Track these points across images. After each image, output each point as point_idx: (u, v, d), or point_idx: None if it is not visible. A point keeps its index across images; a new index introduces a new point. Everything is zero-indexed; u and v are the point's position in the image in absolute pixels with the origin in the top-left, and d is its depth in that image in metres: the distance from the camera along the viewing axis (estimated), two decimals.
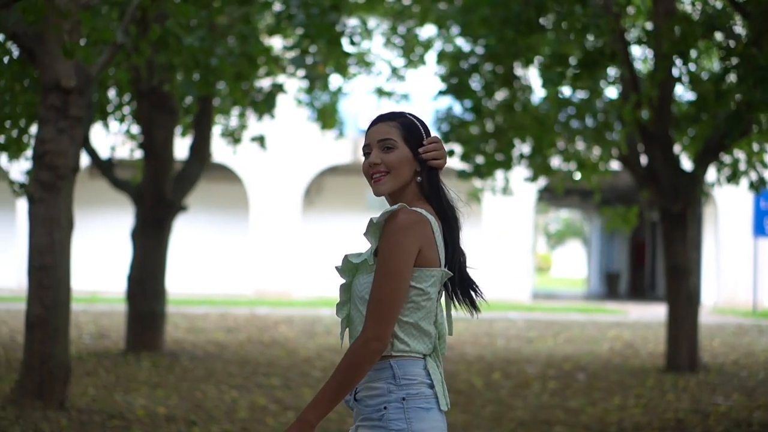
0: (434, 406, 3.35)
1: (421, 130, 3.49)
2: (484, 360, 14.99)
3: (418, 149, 3.46)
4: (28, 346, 9.23)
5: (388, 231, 3.29)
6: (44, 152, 9.19)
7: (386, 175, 3.43)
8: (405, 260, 3.29)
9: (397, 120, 3.48)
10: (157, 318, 14.47)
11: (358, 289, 3.38)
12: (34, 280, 9.24)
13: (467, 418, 9.81)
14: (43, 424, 8.54)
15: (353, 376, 3.26)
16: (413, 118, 3.51)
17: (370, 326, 3.26)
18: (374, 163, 3.43)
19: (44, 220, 9.19)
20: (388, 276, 3.27)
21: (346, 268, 3.42)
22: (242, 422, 9.31)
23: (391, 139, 3.44)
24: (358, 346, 3.26)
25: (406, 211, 3.32)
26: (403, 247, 3.28)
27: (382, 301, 3.27)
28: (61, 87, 9.14)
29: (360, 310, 3.37)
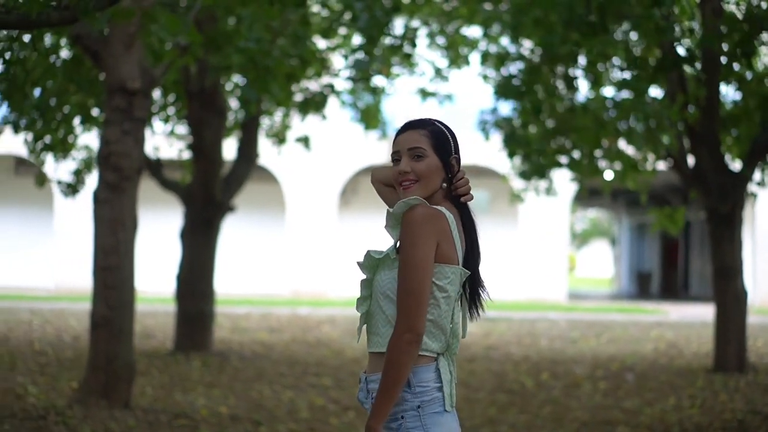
0: (441, 409, 3.40)
1: (450, 138, 3.52)
2: (530, 360, 14.99)
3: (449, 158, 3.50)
4: (93, 346, 9.31)
5: (406, 224, 3.33)
6: (109, 153, 9.27)
7: (415, 183, 3.46)
8: (426, 252, 3.32)
9: (427, 128, 3.50)
10: (205, 318, 14.54)
11: (380, 285, 3.42)
12: (99, 280, 9.33)
13: (528, 419, 9.83)
14: (111, 423, 8.62)
15: (399, 373, 3.30)
16: (442, 126, 3.53)
17: (402, 320, 3.31)
18: (404, 171, 3.46)
19: (109, 221, 9.27)
20: (411, 268, 3.31)
21: (367, 264, 3.46)
22: (306, 422, 9.36)
23: (421, 147, 3.46)
24: (395, 343, 3.30)
25: (423, 205, 3.37)
26: (423, 239, 3.32)
27: (410, 293, 3.31)
28: (126, 89, 9.21)
29: (381, 306, 3.41)
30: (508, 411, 10.29)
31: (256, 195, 30.48)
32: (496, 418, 9.82)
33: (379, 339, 3.40)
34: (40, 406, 9.22)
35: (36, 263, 30.84)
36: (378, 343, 3.41)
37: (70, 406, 9.11)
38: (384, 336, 3.39)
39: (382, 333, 3.40)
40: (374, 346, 3.42)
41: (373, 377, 3.41)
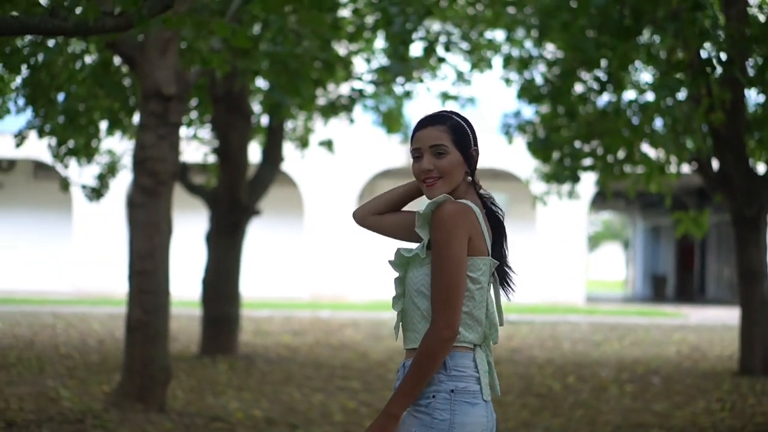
0: (480, 401, 3.41)
1: (469, 131, 3.53)
2: (555, 363, 15.00)
3: (469, 151, 3.52)
4: (128, 349, 9.36)
5: (437, 221, 3.36)
6: (145, 158, 9.32)
7: (439, 180, 3.48)
8: (459, 247, 3.36)
9: (446, 123, 3.51)
10: (231, 321, 14.59)
11: (413, 282, 3.44)
12: (134, 284, 9.37)
13: (561, 422, 9.84)
14: (148, 426, 8.66)
15: (430, 367, 3.32)
16: (461, 120, 3.54)
17: (439, 316, 3.33)
18: (428, 169, 3.48)
19: (145, 226, 9.32)
20: (446, 264, 3.34)
21: (398, 261, 3.48)
22: (342, 425, 9.39)
23: (443, 144, 3.47)
24: (431, 337, 3.33)
25: (451, 201, 3.40)
26: (456, 235, 3.35)
27: (445, 289, 3.34)
28: (161, 94, 9.26)
29: (415, 302, 3.43)
30: (540, 414, 10.31)
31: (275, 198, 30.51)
32: (529, 422, 9.84)
33: (416, 335, 3.42)
34: (76, 409, 9.27)
35: (55, 267, 30.92)
36: (415, 339, 3.43)
37: (106, 410, 9.16)
38: (421, 332, 3.41)
39: (419, 329, 3.42)
40: (411, 343, 3.45)
41: (410, 362, 3.42)
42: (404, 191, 3.71)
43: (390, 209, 3.71)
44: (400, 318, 3.50)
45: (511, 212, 31.84)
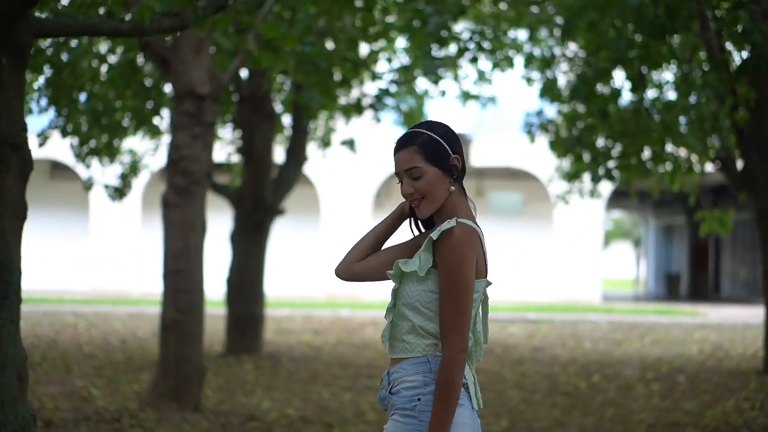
0: (465, 403, 3.43)
1: (443, 142, 3.50)
2: (578, 362, 15.00)
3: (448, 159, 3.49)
4: (163, 349, 9.39)
5: (450, 246, 3.38)
6: (179, 158, 9.34)
7: (423, 200, 3.49)
8: (471, 271, 3.39)
9: (416, 143, 3.49)
10: (256, 321, 14.61)
11: (407, 296, 3.46)
12: (168, 284, 9.40)
13: (594, 421, 9.85)
14: (186, 426, 8.68)
15: (454, 392, 3.35)
16: (431, 133, 3.50)
17: (455, 340, 3.36)
18: (409, 193, 3.50)
19: (179, 225, 9.34)
20: (460, 289, 3.37)
21: (396, 273, 3.50)
22: (376, 424, 9.40)
23: (415, 166, 3.47)
24: (449, 363, 3.35)
25: (461, 225, 3.40)
26: (467, 259, 3.38)
27: (458, 314, 3.37)
28: (195, 94, 9.28)
29: (406, 315, 3.45)
30: (571, 413, 10.31)
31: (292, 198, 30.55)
32: (562, 421, 9.84)
33: (405, 345, 3.45)
34: (111, 409, 9.30)
35: (72, 266, 30.98)
36: (404, 349, 3.45)
37: (142, 409, 9.19)
38: (410, 343, 3.44)
39: (409, 340, 3.45)
40: (399, 352, 3.47)
41: (394, 368, 3.46)
42: (384, 228, 3.72)
43: (374, 250, 3.71)
44: (389, 327, 3.52)
45: (527, 211, 31.87)
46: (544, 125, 16.36)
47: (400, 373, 3.44)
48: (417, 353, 3.43)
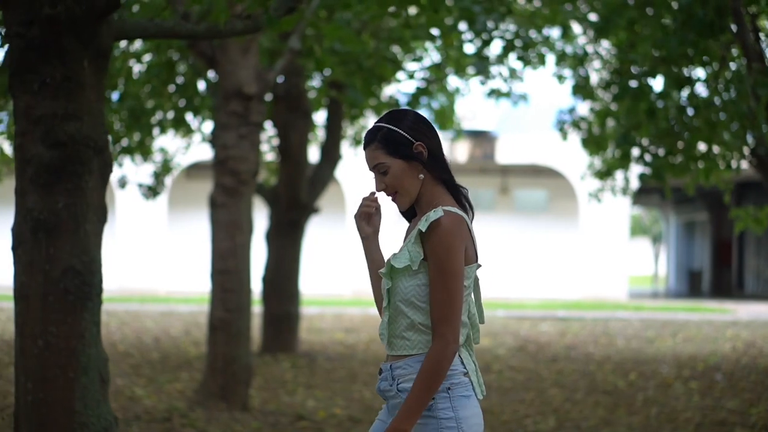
0: (472, 393, 3.46)
1: (403, 133, 3.48)
2: (612, 360, 14.98)
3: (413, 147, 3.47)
4: (211, 348, 9.42)
5: (437, 236, 3.38)
6: (226, 158, 9.36)
7: (397, 194, 3.51)
8: (460, 261, 3.39)
9: (376, 138, 3.50)
10: (291, 319, 14.64)
11: (402, 292, 3.45)
12: (216, 283, 9.42)
13: (640, 420, 9.83)
14: (236, 425, 8.70)
15: (437, 380, 3.35)
16: (390, 125, 3.50)
17: (446, 330, 3.36)
18: (380, 190, 3.52)
19: (226, 225, 9.36)
20: (450, 279, 3.37)
21: (387, 271, 3.48)
22: None
23: (380, 163, 3.49)
24: (439, 351, 3.35)
25: (448, 214, 3.41)
26: (456, 249, 3.39)
27: (449, 303, 3.37)
28: (242, 93, 9.29)
29: (404, 312, 3.45)
30: (615, 412, 10.29)
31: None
32: (609, 419, 9.83)
33: (406, 342, 3.45)
34: (160, 408, 9.32)
35: None
36: (405, 346, 3.45)
37: (191, 408, 9.21)
38: (412, 340, 3.44)
39: (409, 337, 3.44)
40: (400, 349, 3.47)
41: (399, 363, 3.45)
42: (373, 269, 3.68)
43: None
44: (386, 324, 3.51)
45: (552, 208, 31.84)
46: (577, 122, 16.35)
47: (407, 369, 3.43)
48: (419, 350, 3.42)
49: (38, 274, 4.67)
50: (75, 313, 4.71)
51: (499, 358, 15.02)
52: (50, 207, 4.65)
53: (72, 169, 4.66)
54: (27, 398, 4.71)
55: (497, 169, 31.75)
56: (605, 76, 15.56)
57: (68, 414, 4.67)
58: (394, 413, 3.46)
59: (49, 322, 4.68)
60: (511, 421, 9.60)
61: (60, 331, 4.69)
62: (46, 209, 4.66)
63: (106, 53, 4.73)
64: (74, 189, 4.67)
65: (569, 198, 31.00)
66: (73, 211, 4.67)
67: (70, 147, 4.63)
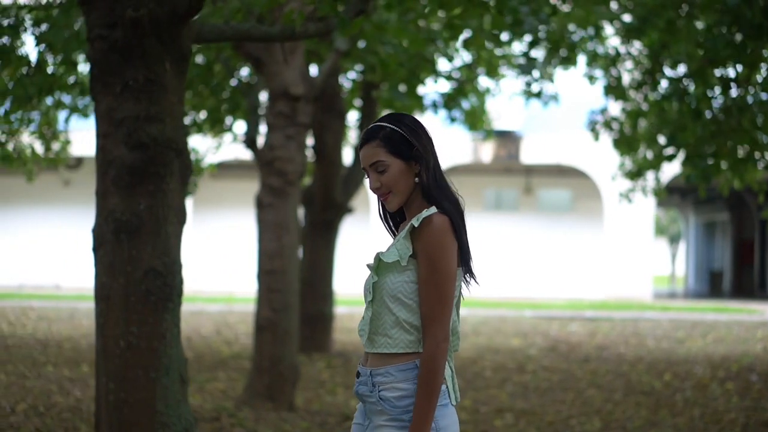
0: (447, 401, 3.43)
1: (405, 134, 3.49)
2: (644, 361, 14.96)
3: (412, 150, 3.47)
4: (258, 348, 9.45)
5: (430, 234, 3.37)
6: (273, 158, 9.38)
7: (389, 194, 3.48)
8: (453, 260, 3.39)
9: (378, 136, 3.49)
10: (326, 319, 14.67)
11: (389, 288, 3.42)
12: (263, 284, 9.45)
13: (685, 421, 9.83)
14: (285, 425, 8.73)
15: (438, 380, 3.34)
16: (394, 126, 3.50)
17: (437, 329, 3.35)
18: (375, 188, 3.50)
19: (273, 225, 9.39)
20: (442, 277, 3.36)
21: (375, 265, 3.47)
22: (472, 424, 9.43)
23: (379, 160, 3.47)
24: (432, 352, 3.34)
25: (438, 214, 3.40)
26: (449, 249, 3.38)
27: (440, 303, 3.35)
28: (289, 94, 9.31)
29: (390, 308, 3.42)
30: (658, 413, 10.29)
31: None
32: (654, 420, 9.83)
33: (388, 340, 3.43)
34: (207, 407, 9.35)
35: None
36: (386, 344, 3.43)
37: (239, 408, 9.24)
38: (394, 338, 3.42)
39: (392, 335, 3.42)
40: (381, 347, 3.44)
41: (380, 371, 3.42)
42: None
43: None
44: (368, 321, 3.48)
45: (576, 208, 31.81)
46: (608, 123, 16.35)
47: (388, 378, 3.41)
48: (399, 349, 3.40)
49: (120, 275, 4.71)
50: (156, 313, 4.74)
51: (532, 358, 15.02)
52: (132, 208, 4.69)
53: (154, 170, 4.69)
54: (108, 398, 4.74)
55: (521, 169, 31.74)
56: (637, 76, 15.57)
57: (150, 414, 4.70)
58: (371, 417, 3.44)
59: (130, 322, 4.72)
60: (556, 422, 9.61)
61: (142, 332, 4.72)
62: (128, 211, 4.69)
63: (186, 56, 4.76)
64: (156, 191, 4.70)
65: (594, 198, 30.97)
66: (154, 213, 4.71)
67: (152, 149, 4.66)
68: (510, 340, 17.71)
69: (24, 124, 15.47)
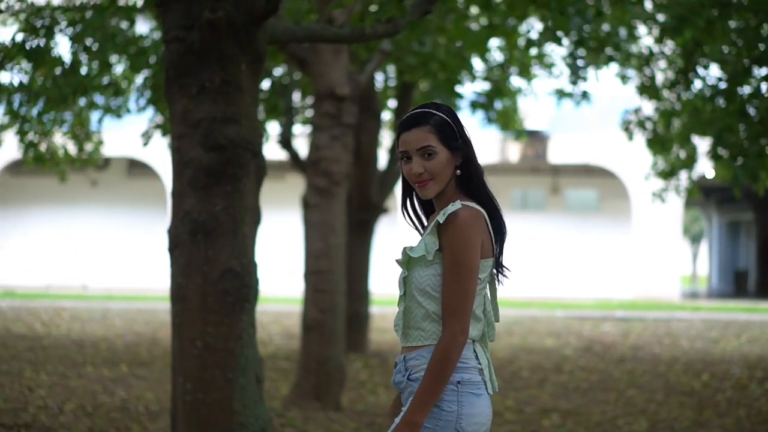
0: (483, 392, 3.43)
1: (453, 124, 3.49)
2: (680, 361, 14.92)
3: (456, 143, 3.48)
4: (305, 349, 9.47)
5: (454, 229, 3.38)
6: (319, 159, 9.40)
7: (431, 181, 3.47)
8: (476, 254, 3.39)
9: (430, 122, 3.47)
10: (362, 319, 14.68)
11: (418, 282, 3.45)
12: (309, 284, 9.47)
13: (732, 422, 9.79)
14: (334, 425, 8.74)
15: (447, 371, 3.34)
16: (443, 115, 3.50)
17: (456, 321, 3.35)
18: (419, 173, 3.46)
19: (319, 226, 9.41)
20: (464, 271, 3.37)
21: (403, 260, 3.48)
22: (520, 424, 9.43)
23: (430, 145, 3.44)
24: (448, 343, 3.34)
25: (465, 207, 3.40)
26: (473, 242, 3.38)
27: (461, 295, 3.36)
28: (335, 95, 9.32)
29: (419, 301, 3.44)
30: (703, 413, 10.26)
31: None
32: (700, 421, 9.80)
33: (421, 333, 3.45)
34: None
35: (149, 264, 31.18)
36: (420, 337, 3.45)
37: (287, 408, 9.26)
38: (427, 330, 3.44)
39: (425, 327, 3.44)
40: (415, 340, 3.46)
41: (412, 354, 3.45)
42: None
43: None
44: (401, 316, 3.51)
45: (603, 208, 31.75)
46: (642, 122, 16.31)
47: (419, 360, 3.43)
48: (433, 341, 3.42)
49: (197, 276, 4.72)
50: (233, 314, 4.76)
51: (568, 358, 15.00)
52: (209, 209, 4.70)
53: (231, 172, 4.70)
54: (186, 398, 4.75)
55: (548, 169, 31.70)
56: (670, 75, 15.54)
57: (227, 414, 4.72)
58: (407, 404, 3.45)
59: (207, 323, 4.73)
60: (603, 423, 9.59)
61: (218, 332, 4.73)
62: (204, 211, 4.71)
63: (261, 57, 4.77)
64: (233, 192, 4.72)
65: (621, 197, 30.91)
66: (231, 214, 4.72)
67: (229, 150, 4.68)
68: (544, 340, 17.69)
69: (57, 124, 15.56)
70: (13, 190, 31.52)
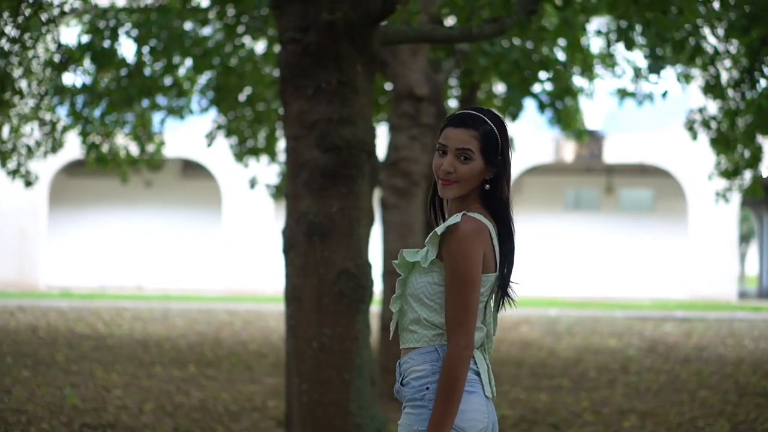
0: (478, 390, 3.39)
1: (499, 138, 3.45)
2: (746, 361, 14.80)
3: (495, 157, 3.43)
4: (383, 348, 9.47)
5: (455, 240, 3.34)
6: (398, 159, 9.41)
7: (455, 183, 3.42)
8: (477, 267, 3.36)
9: (479, 129, 3.43)
10: None
11: (413, 287, 3.43)
12: (387, 284, 9.48)
13: None
14: None
15: (457, 385, 3.31)
16: (493, 126, 3.46)
17: (460, 336, 3.33)
18: (448, 171, 3.42)
19: (398, 226, 9.41)
20: (466, 284, 3.34)
21: (401, 263, 3.46)
22: (602, 425, 9.38)
23: (469, 149, 3.41)
24: (453, 358, 3.32)
25: (467, 219, 3.36)
26: (473, 256, 3.35)
27: (464, 309, 3.33)
28: (414, 95, 9.33)
29: (413, 306, 3.43)
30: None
31: None
32: None
33: (414, 335, 3.44)
34: None
35: (204, 265, 31.32)
36: (411, 339, 3.45)
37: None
38: (418, 333, 3.43)
39: (416, 330, 3.44)
40: (408, 342, 3.46)
41: (404, 359, 3.46)
42: None
43: None
44: (396, 317, 3.51)
45: (658, 207, 31.57)
46: (707, 122, 16.19)
47: (409, 363, 3.44)
48: (423, 344, 3.42)
49: (313, 277, 4.73)
50: (349, 315, 4.76)
51: (632, 359, 14.92)
52: (324, 211, 4.71)
53: (347, 173, 4.71)
54: (302, 399, 4.76)
55: (602, 168, 31.55)
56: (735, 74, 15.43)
57: (343, 415, 4.73)
58: (404, 403, 3.45)
59: (323, 324, 4.75)
60: (683, 424, 9.52)
61: (335, 333, 4.74)
62: (320, 213, 4.72)
63: (376, 58, 4.77)
64: (348, 193, 4.73)
65: (677, 197, 30.71)
66: (347, 215, 4.73)
67: (345, 151, 4.68)
68: (606, 341, 17.60)
69: (119, 125, 15.70)
70: (69, 191, 31.78)
